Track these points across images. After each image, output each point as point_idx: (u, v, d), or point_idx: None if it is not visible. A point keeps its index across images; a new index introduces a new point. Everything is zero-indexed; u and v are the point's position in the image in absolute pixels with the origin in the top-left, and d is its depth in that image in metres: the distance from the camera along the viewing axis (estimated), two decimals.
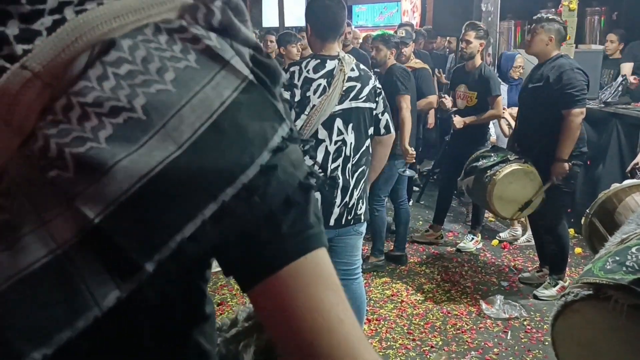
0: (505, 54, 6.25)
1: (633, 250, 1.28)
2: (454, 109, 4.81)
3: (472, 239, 4.80)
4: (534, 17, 3.98)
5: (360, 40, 6.97)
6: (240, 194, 0.51)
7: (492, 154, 4.00)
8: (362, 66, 2.73)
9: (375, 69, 4.37)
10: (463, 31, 4.57)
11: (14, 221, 0.48)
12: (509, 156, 3.87)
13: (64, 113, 0.49)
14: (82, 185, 0.48)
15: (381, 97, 2.75)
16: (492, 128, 5.04)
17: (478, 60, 4.57)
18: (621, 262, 1.26)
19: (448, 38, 6.96)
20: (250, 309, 0.99)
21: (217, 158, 0.50)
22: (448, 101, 4.83)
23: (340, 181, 2.64)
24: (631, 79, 5.42)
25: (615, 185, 2.38)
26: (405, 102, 4.16)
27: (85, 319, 0.49)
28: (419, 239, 4.96)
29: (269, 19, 11.36)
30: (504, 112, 4.80)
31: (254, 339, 0.92)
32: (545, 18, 3.87)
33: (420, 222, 5.53)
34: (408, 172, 4.25)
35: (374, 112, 2.73)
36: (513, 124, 4.84)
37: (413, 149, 4.23)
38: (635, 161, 3.63)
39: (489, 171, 3.87)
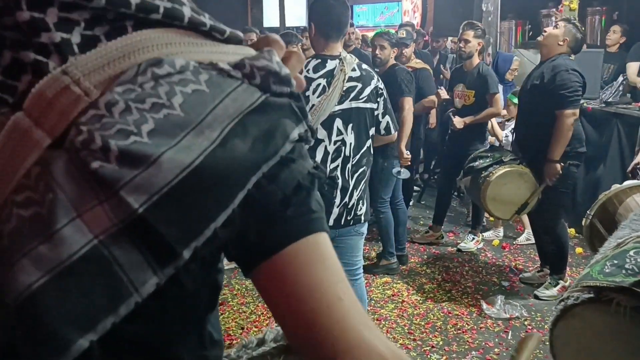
0: (503, 54, 6.27)
1: (631, 253, 1.28)
2: (452, 109, 4.83)
3: (473, 239, 4.81)
4: (556, 10, 4.05)
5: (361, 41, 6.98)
6: (261, 182, 0.55)
7: (489, 154, 4.02)
8: (364, 66, 2.73)
9: (375, 69, 4.38)
10: (461, 30, 4.59)
11: (47, 214, 0.50)
12: (503, 157, 3.89)
13: (107, 108, 0.52)
14: (126, 175, 0.50)
15: (382, 98, 2.74)
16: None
17: (476, 60, 4.61)
18: (620, 265, 1.26)
19: (450, 38, 6.97)
20: (279, 331, 1.00)
21: (245, 150, 0.54)
22: (443, 92, 4.87)
23: (340, 181, 2.64)
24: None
25: (615, 186, 2.37)
26: (408, 104, 4.17)
27: (126, 305, 0.51)
28: (419, 240, 4.96)
29: (270, 19, 11.36)
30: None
31: (281, 359, 0.93)
32: (564, 18, 3.88)
33: (421, 222, 5.53)
34: (403, 175, 4.26)
35: (375, 113, 2.73)
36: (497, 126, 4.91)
37: (408, 152, 4.23)
38: (635, 161, 3.63)
39: (483, 172, 3.89)
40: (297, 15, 10.39)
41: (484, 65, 4.66)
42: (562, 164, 3.71)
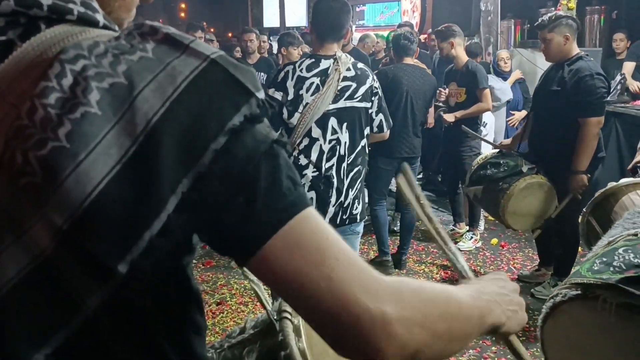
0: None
1: (620, 251, 1.29)
2: (442, 108, 4.87)
3: (472, 238, 4.81)
4: (537, 24, 3.73)
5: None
6: (198, 183, 0.52)
7: (501, 161, 3.76)
8: (359, 65, 2.74)
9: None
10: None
11: None
12: (522, 168, 3.64)
13: (29, 117, 0.50)
14: (49, 191, 0.49)
15: (377, 96, 2.75)
16: (487, 120, 5.08)
17: (463, 58, 4.67)
18: (608, 262, 1.27)
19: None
20: (258, 318, 1.02)
21: (172, 149, 0.50)
22: (442, 94, 4.90)
23: (335, 180, 2.65)
24: (634, 86, 5.36)
25: (611, 184, 2.39)
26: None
27: (77, 317, 0.51)
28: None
29: (270, 19, 11.37)
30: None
31: (257, 345, 0.95)
32: (552, 19, 3.62)
33: (420, 222, 5.52)
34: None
35: (369, 111, 2.74)
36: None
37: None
38: (636, 159, 3.61)
39: (501, 183, 3.63)
40: (297, 15, 10.40)
41: (472, 62, 4.72)
42: (589, 175, 3.52)
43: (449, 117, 4.60)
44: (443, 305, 0.62)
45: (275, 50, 6.50)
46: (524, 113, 5.35)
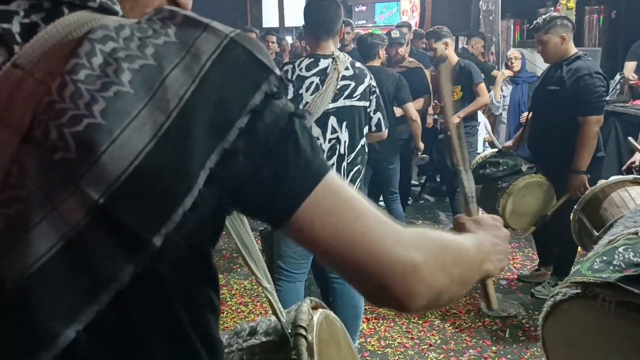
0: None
1: (620, 250, 1.29)
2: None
3: None
4: (532, 27, 3.76)
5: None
6: (224, 159, 0.54)
7: (500, 160, 3.76)
8: (357, 64, 2.75)
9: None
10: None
11: (26, 211, 0.50)
12: (521, 167, 3.65)
13: (59, 93, 0.51)
14: (85, 165, 0.50)
15: (375, 95, 2.76)
16: (482, 120, 5.10)
17: (454, 58, 4.76)
18: (608, 261, 1.28)
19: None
20: (271, 323, 1.01)
21: (202, 125, 0.53)
22: (437, 107, 5.02)
23: None
24: (631, 77, 5.36)
25: (601, 182, 2.40)
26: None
27: (108, 292, 0.52)
28: None
29: (269, 18, 11.38)
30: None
31: (268, 357, 0.94)
32: (547, 20, 3.64)
33: (420, 222, 5.54)
34: (424, 160, 4.35)
35: (367, 110, 2.75)
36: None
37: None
38: (632, 159, 3.62)
39: (500, 182, 3.64)
40: (297, 15, 10.39)
41: (464, 60, 4.80)
42: (589, 175, 3.52)
43: (454, 119, 4.59)
44: (456, 253, 0.70)
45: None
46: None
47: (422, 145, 4.57)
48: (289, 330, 0.96)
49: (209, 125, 0.53)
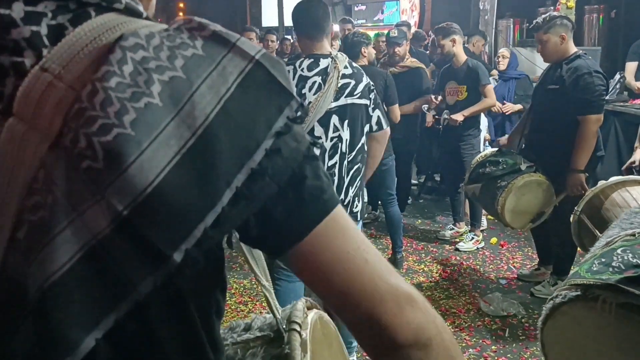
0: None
1: (618, 251, 1.30)
2: (446, 110, 4.85)
3: (472, 238, 4.81)
4: (531, 27, 3.76)
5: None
6: (250, 179, 0.54)
7: (500, 159, 3.76)
8: (354, 64, 2.77)
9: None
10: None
11: (50, 218, 0.50)
12: (520, 166, 3.65)
13: (89, 100, 0.50)
14: (111, 176, 0.50)
15: (373, 93, 2.77)
16: (484, 122, 5.09)
17: (462, 56, 4.67)
18: (607, 263, 1.28)
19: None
20: (266, 319, 1.02)
21: (227, 145, 0.53)
22: (433, 102, 4.98)
23: (336, 178, 2.66)
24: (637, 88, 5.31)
25: (602, 182, 2.40)
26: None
27: (127, 302, 0.52)
28: (443, 237, 4.98)
29: (269, 18, 11.37)
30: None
31: (262, 351, 0.95)
32: (546, 20, 3.64)
33: (419, 222, 5.54)
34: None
35: (368, 108, 2.76)
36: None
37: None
38: (632, 159, 3.62)
39: (499, 181, 3.64)
40: None
41: (472, 60, 4.72)
42: (587, 174, 3.53)
43: (458, 117, 4.58)
44: (445, 326, 0.68)
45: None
46: (518, 106, 5.32)
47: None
48: (284, 326, 0.96)
49: (235, 146, 0.53)
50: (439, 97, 4.96)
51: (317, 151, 0.62)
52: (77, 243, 0.50)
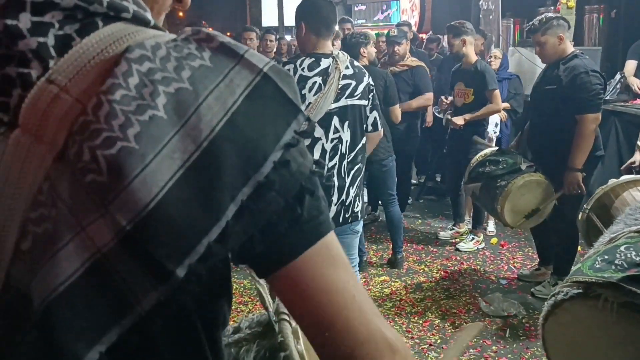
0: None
1: (622, 249, 1.29)
2: (449, 110, 4.83)
3: (473, 239, 4.80)
4: (528, 29, 3.78)
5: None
6: (257, 192, 0.53)
7: (500, 159, 3.77)
8: (356, 63, 2.76)
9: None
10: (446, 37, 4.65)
11: (55, 230, 0.50)
12: (521, 165, 3.65)
13: (94, 113, 0.50)
14: (115, 190, 0.49)
15: (372, 94, 2.77)
16: (491, 125, 5.05)
17: (473, 57, 4.58)
18: (610, 260, 1.27)
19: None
20: (253, 318, 1.02)
21: (233, 158, 0.52)
22: (443, 102, 4.93)
23: (336, 179, 2.65)
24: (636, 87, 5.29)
25: (612, 181, 2.39)
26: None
27: (130, 317, 0.51)
28: (443, 238, 4.97)
29: (269, 18, 11.38)
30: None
31: (255, 345, 0.95)
32: (543, 21, 3.67)
33: (419, 222, 5.54)
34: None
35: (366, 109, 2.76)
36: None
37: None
38: (632, 160, 3.62)
39: (499, 181, 3.65)
40: None
41: (482, 62, 4.64)
42: (584, 173, 3.53)
43: (458, 120, 4.55)
44: None
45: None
46: (506, 104, 5.25)
47: None
48: (274, 319, 0.97)
49: (242, 158, 0.52)
50: (449, 98, 4.93)
51: (321, 171, 0.60)
52: (81, 257, 0.50)
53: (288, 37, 7.96)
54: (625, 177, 2.45)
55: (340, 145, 2.65)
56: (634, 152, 3.71)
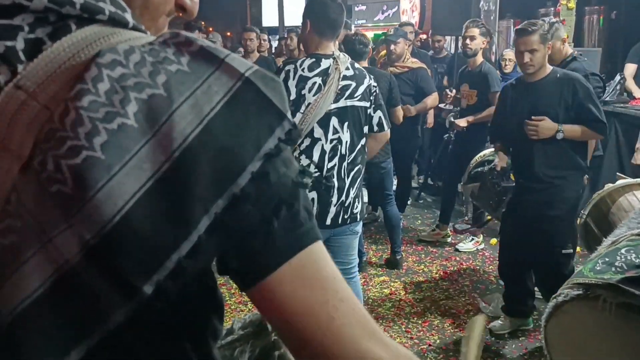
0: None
1: (622, 251, 1.30)
2: (452, 112, 4.82)
3: (472, 239, 4.80)
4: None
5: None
6: (232, 205, 0.50)
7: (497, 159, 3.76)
8: (357, 65, 2.76)
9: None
10: (465, 29, 4.47)
11: (21, 242, 0.48)
12: None
13: (60, 119, 0.48)
14: (79, 202, 0.47)
15: (375, 95, 2.76)
16: None
17: (479, 59, 4.54)
18: (610, 262, 1.28)
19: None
20: (246, 319, 1.02)
21: (207, 168, 0.49)
22: (448, 96, 4.89)
23: (336, 180, 2.65)
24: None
25: (608, 186, 2.39)
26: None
27: (99, 331, 0.49)
28: (425, 238, 4.96)
29: (269, 18, 11.39)
30: None
31: (249, 345, 0.95)
32: (544, 26, 3.60)
33: (419, 222, 5.54)
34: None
35: (367, 111, 2.75)
36: None
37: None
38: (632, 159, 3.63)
39: (497, 186, 3.63)
40: (296, 15, 10.41)
41: (486, 64, 4.61)
42: (587, 176, 3.51)
43: (461, 122, 4.54)
44: None
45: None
46: None
47: None
48: None
49: (217, 169, 0.49)
50: (454, 90, 4.91)
51: (308, 180, 0.56)
52: (47, 270, 0.48)
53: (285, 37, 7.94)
54: (621, 182, 2.45)
55: (339, 146, 2.64)
56: (634, 153, 3.72)
